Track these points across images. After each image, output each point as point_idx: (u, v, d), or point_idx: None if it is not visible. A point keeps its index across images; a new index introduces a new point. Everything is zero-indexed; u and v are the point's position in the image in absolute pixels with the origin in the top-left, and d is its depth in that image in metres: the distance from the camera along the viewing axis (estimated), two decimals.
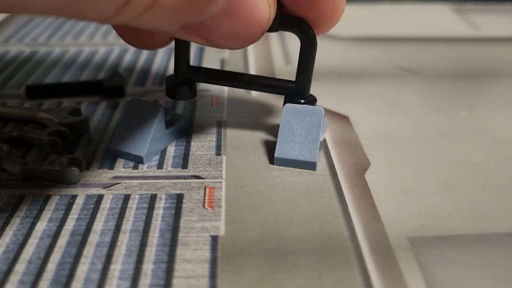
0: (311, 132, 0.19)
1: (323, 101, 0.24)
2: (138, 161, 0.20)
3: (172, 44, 0.20)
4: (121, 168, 0.20)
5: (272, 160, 0.20)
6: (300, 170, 0.19)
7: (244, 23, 0.17)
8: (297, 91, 0.20)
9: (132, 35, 0.20)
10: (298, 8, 0.19)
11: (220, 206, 0.18)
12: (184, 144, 0.21)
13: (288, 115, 0.20)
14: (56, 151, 0.21)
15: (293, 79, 0.20)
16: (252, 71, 0.28)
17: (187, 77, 0.21)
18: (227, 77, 0.21)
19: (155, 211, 0.17)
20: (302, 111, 0.20)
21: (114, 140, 0.20)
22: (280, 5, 0.18)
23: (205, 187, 0.19)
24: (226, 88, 0.26)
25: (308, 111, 0.20)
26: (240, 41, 0.18)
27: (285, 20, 0.19)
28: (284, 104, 0.20)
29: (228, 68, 0.29)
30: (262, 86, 0.21)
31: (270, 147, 0.21)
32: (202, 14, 0.16)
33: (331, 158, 0.20)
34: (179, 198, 0.18)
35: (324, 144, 0.21)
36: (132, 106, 0.21)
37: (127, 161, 0.20)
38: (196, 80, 0.22)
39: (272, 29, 0.19)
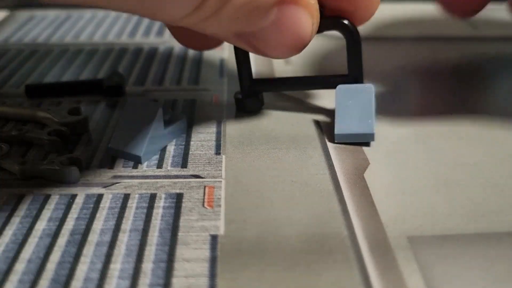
0: (365, 107, 0.21)
1: (323, 101, 0.24)
2: (136, 160, 0.20)
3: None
4: (121, 167, 0.20)
5: (273, 158, 0.20)
6: (300, 169, 0.19)
7: (290, 36, 0.19)
8: (352, 82, 0.22)
9: (187, 37, 0.22)
10: (337, 3, 0.21)
11: (219, 206, 0.18)
12: (183, 143, 0.21)
13: (342, 94, 0.21)
14: (56, 150, 0.21)
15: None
16: (253, 70, 0.28)
17: (252, 90, 0.23)
18: (287, 82, 0.23)
19: (155, 211, 0.17)
20: (354, 90, 0.21)
21: (112, 139, 0.20)
22: (320, 8, 0.19)
23: (205, 187, 0.19)
24: (225, 87, 0.26)
25: (359, 89, 0.21)
26: (285, 52, 0.20)
27: (327, 22, 0.21)
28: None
29: (228, 67, 0.29)
30: (321, 84, 0.23)
31: (270, 147, 0.21)
32: (255, 25, 0.18)
33: (330, 157, 0.20)
34: (179, 197, 0.18)
35: (323, 144, 0.21)
36: (131, 105, 0.21)
37: (126, 160, 0.20)
38: (261, 91, 0.23)
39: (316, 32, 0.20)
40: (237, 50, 0.22)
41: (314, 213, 0.17)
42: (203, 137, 0.22)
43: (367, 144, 0.21)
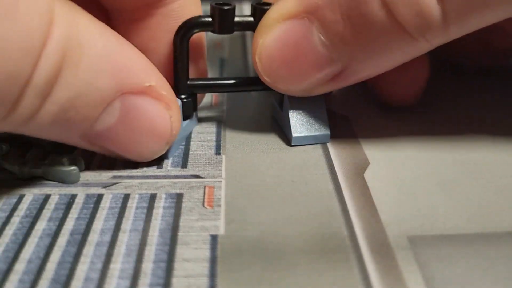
0: (317, 107, 0.21)
1: None
2: (161, 157, 0.20)
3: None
4: (121, 167, 0.20)
5: (272, 158, 0.20)
6: (300, 169, 0.19)
7: (143, 135, 0.17)
8: None
9: None
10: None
11: (219, 205, 0.18)
12: (183, 143, 0.21)
13: (292, 97, 0.21)
14: (56, 150, 0.21)
15: None
16: (252, 70, 0.28)
17: (187, 91, 0.21)
18: (226, 83, 0.22)
19: (155, 211, 0.17)
20: None
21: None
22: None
23: (205, 187, 0.19)
24: None
25: None
26: (143, 153, 0.18)
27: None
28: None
29: (228, 66, 0.29)
30: (263, 85, 0.21)
31: (270, 147, 0.21)
32: (96, 125, 0.16)
33: (330, 157, 0.20)
34: (179, 197, 0.18)
35: (323, 144, 0.21)
36: None
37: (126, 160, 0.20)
38: (198, 91, 0.22)
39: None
40: (175, 46, 0.20)
41: (314, 213, 0.17)
42: (203, 137, 0.22)
43: (367, 144, 0.21)
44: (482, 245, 0.16)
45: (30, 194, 0.18)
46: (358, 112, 0.24)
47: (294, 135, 0.21)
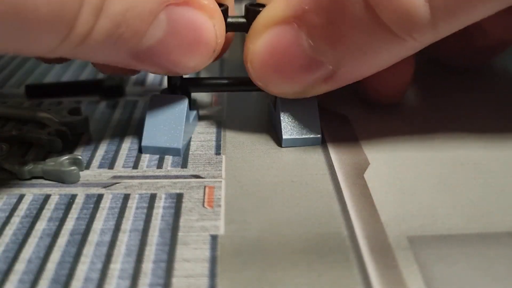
0: (310, 110, 0.21)
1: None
2: (173, 154, 0.20)
3: None
4: (121, 167, 0.20)
5: (272, 158, 0.20)
6: (300, 169, 0.19)
7: (191, 45, 0.18)
8: None
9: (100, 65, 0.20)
10: None
11: (219, 206, 0.18)
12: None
13: (284, 99, 0.21)
14: (56, 150, 0.21)
15: None
16: None
17: (181, 90, 0.21)
18: (219, 83, 0.22)
19: (155, 211, 0.17)
20: None
21: (144, 137, 0.20)
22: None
23: (205, 187, 0.19)
24: None
25: None
26: (191, 63, 0.19)
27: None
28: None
29: (227, 66, 0.29)
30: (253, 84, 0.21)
31: (270, 147, 0.21)
32: (145, 40, 0.17)
33: (330, 157, 0.20)
34: (179, 197, 0.18)
35: (323, 144, 0.21)
36: (155, 102, 0.21)
37: (126, 160, 0.20)
38: (191, 90, 0.22)
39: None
40: None
41: (314, 213, 0.17)
42: (203, 137, 0.22)
43: (367, 144, 0.21)
44: (482, 245, 0.16)
45: (30, 194, 0.18)
46: (358, 112, 0.24)
47: (284, 136, 0.21)
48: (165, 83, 0.27)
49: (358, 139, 0.21)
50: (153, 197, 0.18)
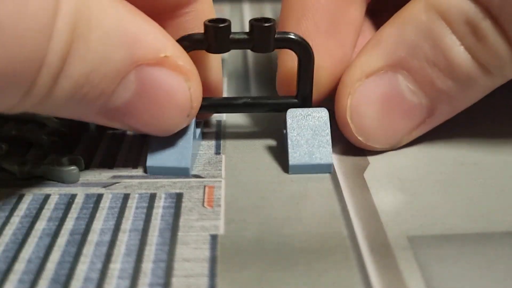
0: (320, 134, 0.19)
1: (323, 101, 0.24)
2: (181, 173, 0.19)
3: None
4: (121, 167, 0.20)
5: (272, 156, 0.20)
6: None
7: (162, 107, 0.17)
8: (300, 106, 0.20)
9: None
10: None
11: (219, 205, 0.18)
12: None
13: (293, 119, 0.20)
14: (56, 150, 0.21)
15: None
16: (251, 70, 0.28)
17: None
18: (224, 104, 0.21)
19: (155, 210, 0.17)
20: (306, 114, 0.20)
21: (149, 157, 0.19)
22: (273, 25, 0.18)
23: (205, 186, 0.19)
24: (225, 86, 0.26)
25: (312, 113, 0.20)
26: (163, 126, 0.18)
27: (279, 38, 0.19)
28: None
29: (228, 67, 0.29)
30: (262, 106, 0.21)
31: (269, 146, 0.21)
32: (113, 100, 0.16)
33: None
34: (179, 197, 0.18)
35: None
36: None
37: (126, 160, 0.20)
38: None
39: (267, 49, 0.19)
40: None
41: (314, 213, 0.17)
42: (203, 137, 0.22)
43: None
44: (482, 245, 0.16)
45: (30, 194, 0.18)
46: None
47: (291, 163, 0.19)
48: None
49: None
50: (153, 197, 0.18)
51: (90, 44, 0.15)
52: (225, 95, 0.26)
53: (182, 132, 0.19)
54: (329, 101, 0.21)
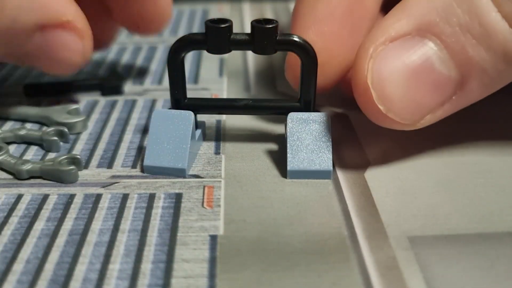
0: (321, 139, 0.19)
1: (322, 101, 0.24)
2: (178, 174, 0.19)
3: (172, 43, 0.20)
4: (120, 167, 0.20)
5: (272, 157, 0.20)
6: None
7: (60, 58, 0.21)
8: (302, 110, 0.20)
9: None
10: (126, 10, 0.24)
11: (219, 206, 0.18)
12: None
13: (294, 123, 0.19)
14: (55, 150, 0.21)
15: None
16: (251, 70, 0.28)
17: (185, 109, 0.20)
18: (225, 105, 0.21)
19: (154, 211, 0.17)
20: (308, 118, 0.19)
21: (146, 156, 0.19)
22: (275, 27, 0.18)
23: (204, 186, 0.19)
24: (225, 86, 0.26)
25: (313, 118, 0.19)
26: (58, 70, 0.22)
27: (280, 41, 0.18)
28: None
29: (227, 66, 0.29)
30: (264, 109, 0.20)
31: (270, 146, 0.21)
32: (20, 49, 0.21)
33: None
34: (178, 197, 0.18)
35: None
36: (158, 117, 0.20)
37: (125, 160, 0.20)
38: (195, 111, 0.20)
39: (269, 51, 0.19)
40: (169, 67, 0.19)
41: (314, 213, 0.17)
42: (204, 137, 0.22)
43: (367, 144, 0.21)
44: (482, 245, 0.16)
45: (29, 194, 0.18)
46: (358, 112, 0.24)
47: (289, 168, 0.19)
48: (165, 83, 0.27)
49: (358, 139, 0.21)
50: (152, 197, 0.18)
51: (6, 10, 0.20)
52: (225, 95, 0.26)
53: (180, 133, 0.19)
54: (331, 102, 0.21)
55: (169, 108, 0.20)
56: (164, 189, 0.18)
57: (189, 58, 0.30)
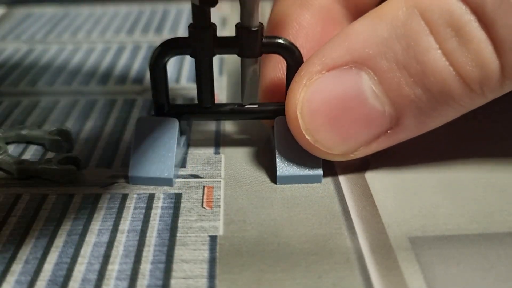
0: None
1: None
2: (165, 184, 0.18)
3: None
4: (119, 167, 0.20)
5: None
6: None
7: None
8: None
9: None
10: None
11: (218, 206, 0.18)
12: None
13: (281, 128, 0.19)
14: (54, 149, 0.21)
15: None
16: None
17: (168, 115, 0.19)
18: (210, 111, 0.20)
19: (153, 211, 0.17)
20: None
21: (131, 167, 0.18)
22: (260, 29, 0.18)
23: (204, 187, 0.18)
24: (224, 85, 0.26)
25: None
26: None
27: (267, 43, 0.18)
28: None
29: (227, 66, 0.29)
30: (250, 113, 0.20)
31: (269, 147, 0.21)
32: None
33: None
34: (177, 197, 0.18)
35: None
36: (143, 125, 0.19)
37: (124, 160, 0.20)
38: (180, 118, 0.19)
39: (254, 54, 0.18)
40: (150, 72, 0.19)
41: (314, 214, 0.17)
42: (202, 136, 0.22)
43: None
44: (483, 245, 0.16)
45: (28, 194, 0.18)
46: None
47: (279, 174, 0.18)
48: None
49: None
50: (151, 197, 0.18)
51: None
52: (225, 93, 0.26)
53: (165, 141, 0.19)
54: None
55: (152, 115, 0.20)
56: (163, 189, 0.18)
57: (189, 57, 0.30)
